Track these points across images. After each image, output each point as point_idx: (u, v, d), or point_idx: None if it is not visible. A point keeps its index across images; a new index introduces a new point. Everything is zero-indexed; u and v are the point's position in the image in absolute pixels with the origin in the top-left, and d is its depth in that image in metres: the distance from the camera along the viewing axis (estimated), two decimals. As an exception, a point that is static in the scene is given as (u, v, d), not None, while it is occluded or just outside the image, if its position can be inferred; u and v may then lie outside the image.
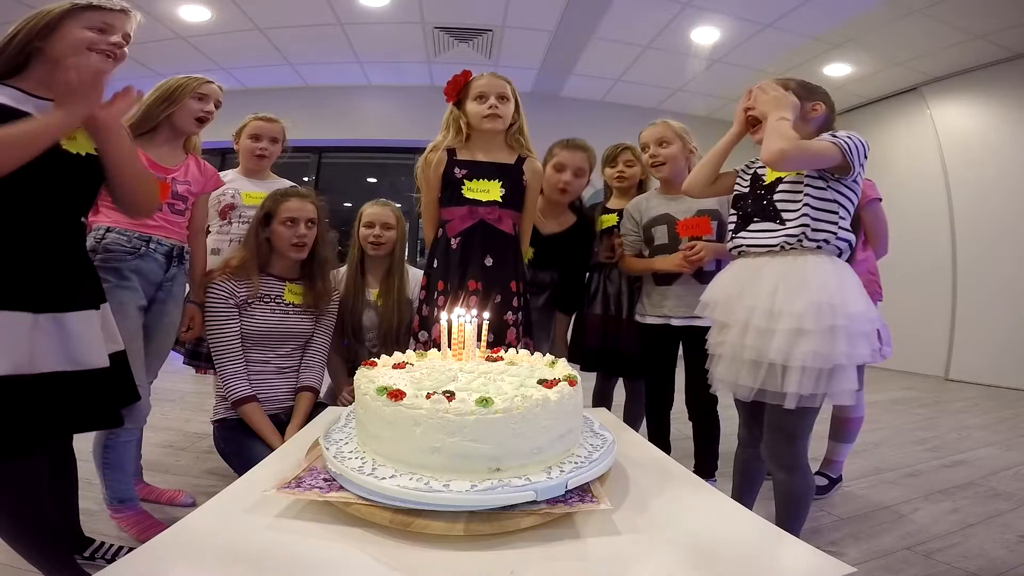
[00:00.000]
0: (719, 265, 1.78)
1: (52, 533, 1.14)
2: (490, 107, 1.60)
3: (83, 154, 1.13)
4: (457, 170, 1.64)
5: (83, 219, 1.20)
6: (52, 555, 1.13)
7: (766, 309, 1.19)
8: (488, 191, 1.64)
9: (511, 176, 1.67)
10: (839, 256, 1.26)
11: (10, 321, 0.99)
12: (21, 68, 1.09)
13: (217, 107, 1.68)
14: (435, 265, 1.68)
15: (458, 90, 1.66)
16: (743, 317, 1.23)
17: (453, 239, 1.64)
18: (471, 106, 1.63)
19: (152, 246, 1.51)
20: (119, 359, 1.22)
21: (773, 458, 1.32)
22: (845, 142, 1.20)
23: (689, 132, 1.85)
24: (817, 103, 1.32)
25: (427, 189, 1.71)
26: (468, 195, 1.63)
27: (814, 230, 1.22)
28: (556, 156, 1.94)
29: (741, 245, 1.34)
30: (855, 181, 1.25)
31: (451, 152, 1.67)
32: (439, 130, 1.72)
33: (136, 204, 1.29)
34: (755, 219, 1.32)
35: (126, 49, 1.18)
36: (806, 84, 1.35)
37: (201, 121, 1.63)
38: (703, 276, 1.72)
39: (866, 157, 1.24)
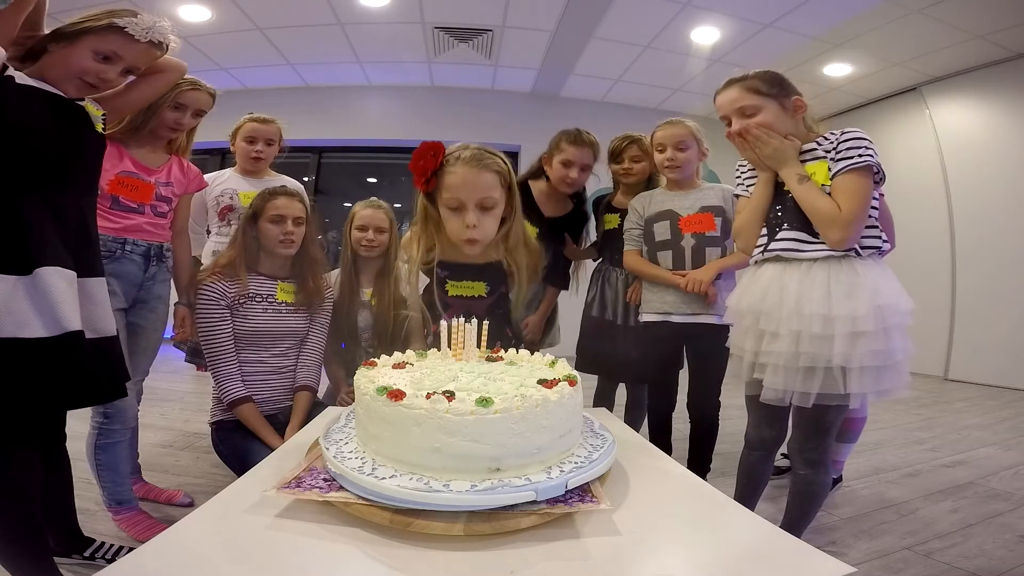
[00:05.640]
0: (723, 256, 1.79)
1: (38, 539, 1.14)
2: (467, 228, 1.24)
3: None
4: (439, 271, 1.43)
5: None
6: (31, 562, 1.13)
7: (822, 315, 1.17)
8: (473, 288, 1.46)
9: (497, 273, 1.44)
10: (873, 252, 1.25)
11: (63, 278, 1.04)
12: (37, 55, 1.10)
13: (200, 115, 1.66)
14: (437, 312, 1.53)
15: (427, 175, 1.24)
16: (796, 325, 1.20)
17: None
18: (445, 214, 1.27)
19: (128, 248, 1.51)
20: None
21: (802, 452, 1.32)
22: (870, 159, 1.18)
23: (703, 132, 1.82)
24: (796, 97, 1.28)
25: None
26: (453, 292, 1.45)
27: (862, 237, 1.21)
28: (564, 152, 1.91)
29: (776, 251, 1.29)
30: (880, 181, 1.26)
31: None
32: (415, 219, 1.38)
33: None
34: (783, 227, 1.28)
35: (119, 79, 1.19)
36: (772, 78, 1.28)
37: (172, 130, 1.63)
38: None
39: None
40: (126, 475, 1.62)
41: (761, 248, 1.33)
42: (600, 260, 2.16)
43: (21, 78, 1.04)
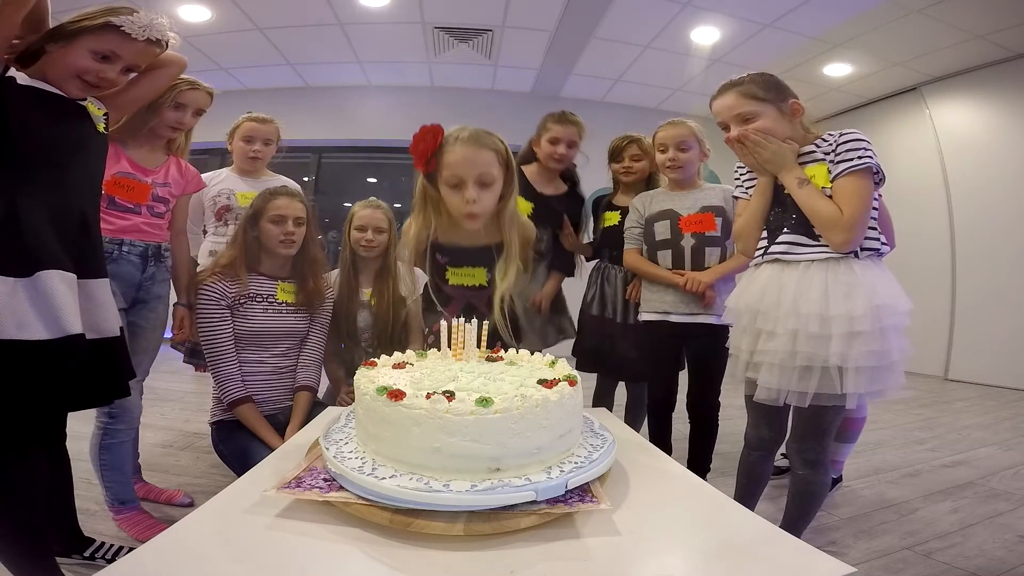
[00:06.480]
0: (723, 259, 1.79)
1: (40, 539, 1.14)
2: (467, 202, 1.27)
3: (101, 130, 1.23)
4: (439, 256, 1.48)
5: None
6: (32, 562, 1.12)
7: (819, 315, 1.17)
8: (473, 275, 1.50)
9: (495, 258, 1.47)
10: (872, 253, 1.25)
11: (63, 281, 1.03)
12: (37, 56, 1.10)
13: (199, 114, 1.67)
14: (437, 310, 1.55)
15: (427, 156, 1.29)
16: (793, 325, 1.20)
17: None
18: (445, 192, 1.31)
19: (125, 248, 1.51)
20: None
21: (800, 453, 1.32)
22: (870, 160, 1.18)
23: (704, 133, 1.83)
24: (794, 100, 1.28)
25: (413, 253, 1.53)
26: (453, 281, 1.51)
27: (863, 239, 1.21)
28: (551, 130, 2.01)
29: (776, 254, 1.29)
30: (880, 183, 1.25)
31: (431, 236, 1.45)
32: (413, 204, 1.42)
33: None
34: (783, 230, 1.28)
35: (119, 77, 1.19)
36: (769, 82, 1.28)
37: (174, 130, 1.63)
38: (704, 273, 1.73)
39: None
40: (130, 475, 1.62)
41: (762, 251, 1.33)
42: (599, 258, 2.17)
43: (23, 79, 1.04)
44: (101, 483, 1.55)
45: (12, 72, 1.03)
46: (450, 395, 0.73)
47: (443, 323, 1.08)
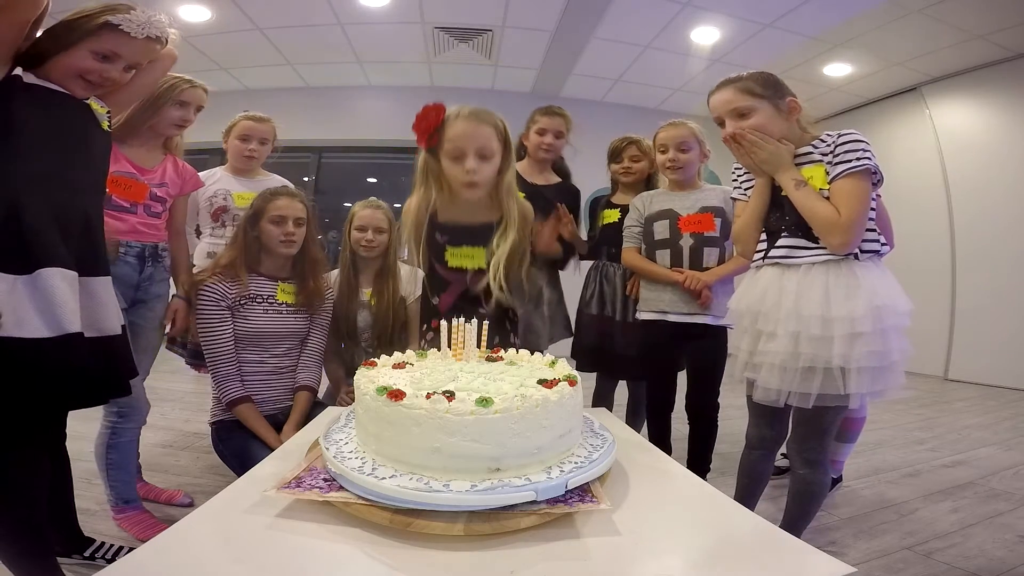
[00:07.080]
0: (721, 259, 1.79)
1: (40, 539, 1.13)
2: (468, 172, 1.33)
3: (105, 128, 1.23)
4: (439, 235, 1.47)
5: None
6: (33, 562, 1.12)
7: (821, 316, 1.17)
8: (473, 256, 1.48)
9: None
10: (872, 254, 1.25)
11: (64, 279, 1.03)
12: (42, 59, 1.10)
13: (198, 111, 1.68)
14: (436, 303, 1.54)
15: (430, 132, 1.35)
16: (794, 327, 1.20)
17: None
18: (446, 164, 1.36)
19: (122, 250, 1.51)
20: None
21: (801, 452, 1.32)
22: (868, 162, 1.18)
23: (705, 134, 1.83)
24: (791, 99, 1.28)
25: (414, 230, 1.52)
26: (452, 262, 1.48)
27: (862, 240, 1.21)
28: (538, 122, 2.05)
29: (776, 258, 1.28)
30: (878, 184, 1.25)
31: (431, 214, 1.46)
32: (415, 180, 1.45)
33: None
34: (783, 233, 1.28)
35: (121, 75, 1.19)
36: (766, 79, 1.28)
37: (179, 127, 1.64)
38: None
39: None
40: (134, 474, 1.63)
41: (761, 253, 1.33)
42: (598, 256, 2.16)
43: (28, 77, 1.04)
44: (105, 482, 1.55)
45: (17, 71, 1.03)
46: (450, 395, 0.73)
47: (443, 322, 1.08)
